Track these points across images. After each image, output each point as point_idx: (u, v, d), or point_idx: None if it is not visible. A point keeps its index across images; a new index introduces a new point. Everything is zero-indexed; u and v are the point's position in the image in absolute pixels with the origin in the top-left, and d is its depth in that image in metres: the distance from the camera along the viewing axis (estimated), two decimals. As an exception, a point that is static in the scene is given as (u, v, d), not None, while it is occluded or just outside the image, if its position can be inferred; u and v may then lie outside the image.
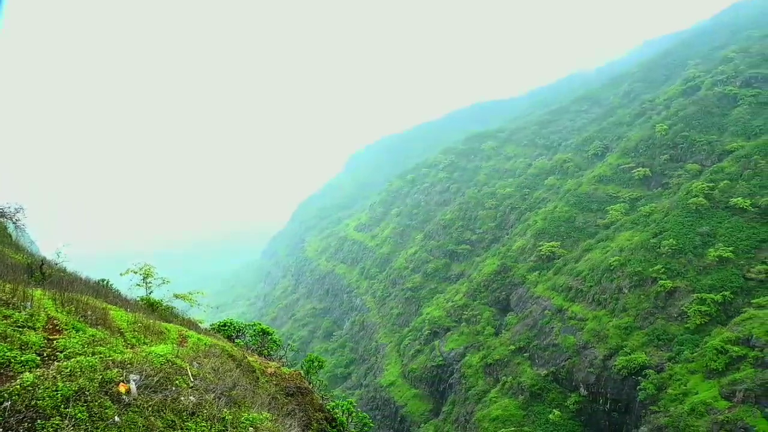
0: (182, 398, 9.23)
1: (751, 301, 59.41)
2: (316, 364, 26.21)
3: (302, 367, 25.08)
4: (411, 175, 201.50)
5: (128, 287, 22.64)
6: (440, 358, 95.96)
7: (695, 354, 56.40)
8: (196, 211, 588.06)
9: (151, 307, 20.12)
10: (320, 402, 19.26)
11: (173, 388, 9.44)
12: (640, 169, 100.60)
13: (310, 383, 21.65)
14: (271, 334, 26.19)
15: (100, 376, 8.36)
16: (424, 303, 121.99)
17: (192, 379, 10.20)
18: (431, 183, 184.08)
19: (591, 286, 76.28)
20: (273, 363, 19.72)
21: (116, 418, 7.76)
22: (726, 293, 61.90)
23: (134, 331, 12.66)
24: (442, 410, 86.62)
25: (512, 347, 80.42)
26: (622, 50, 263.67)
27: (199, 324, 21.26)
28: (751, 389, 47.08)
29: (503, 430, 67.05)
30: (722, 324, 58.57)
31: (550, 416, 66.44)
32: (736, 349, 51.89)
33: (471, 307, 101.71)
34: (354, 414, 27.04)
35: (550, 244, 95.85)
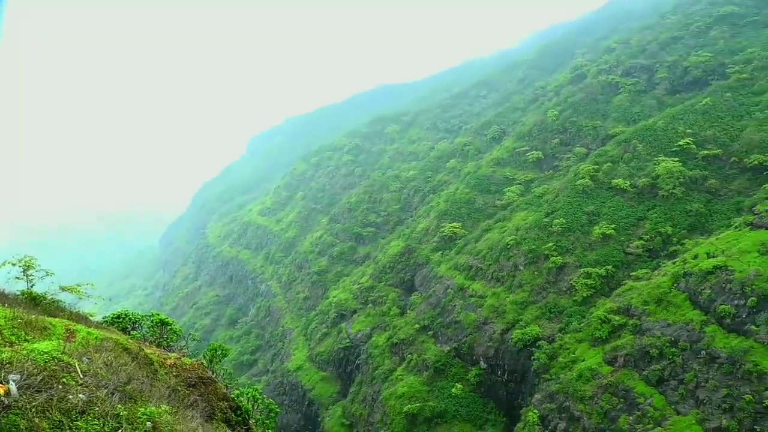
0: (70, 396, 8.64)
1: (630, 273, 65.07)
2: (219, 352, 25.50)
3: (205, 357, 24.30)
4: (315, 158, 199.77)
5: (6, 281, 20.74)
6: (347, 340, 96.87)
7: (582, 324, 60.99)
8: (82, 197, 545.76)
9: (33, 301, 18.56)
10: (224, 391, 18.77)
11: (60, 387, 8.83)
12: (533, 152, 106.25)
13: (213, 372, 21.05)
14: (171, 324, 25.11)
15: (-28, 379, 7.60)
16: (331, 286, 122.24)
17: (81, 376, 9.58)
18: (336, 166, 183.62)
19: (490, 265, 79.95)
20: (173, 354, 18.95)
21: (-8, 423, 7.10)
22: (609, 267, 67.38)
23: (13, 327, 11.70)
24: (349, 391, 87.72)
25: (417, 326, 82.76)
26: (515, 39, 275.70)
27: (90, 317, 19.90)
28: (630, 354, 51.72)
29: (409, 406, 69.10)
30: (606, 296, 63.74)
31: (453, 390, 69.34)
32: (617, 318, 56.67)
33: (377, 288, 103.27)
34: (260, 401, 26.67)
35: (452, 225, 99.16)
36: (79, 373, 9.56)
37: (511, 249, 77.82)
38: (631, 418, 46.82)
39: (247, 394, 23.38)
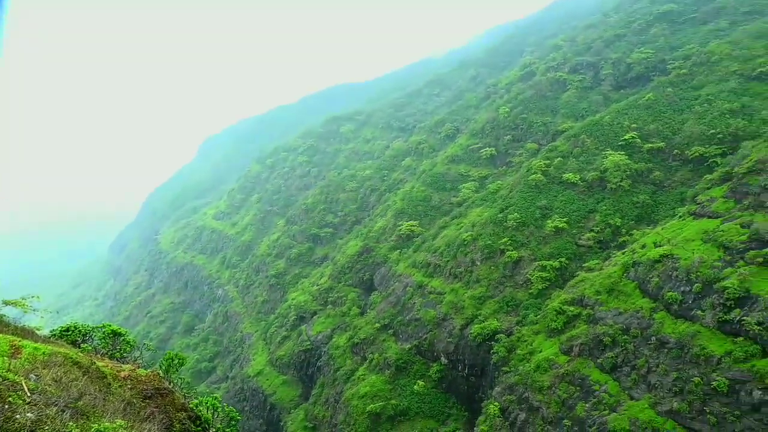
0: (18, 416, 8.24)
1: (583, 265, 66.92)
2: (176, 361, 24.82)
3: (161, 367, 23.61)
4: (270, 160, 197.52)
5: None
6: (308, 343, 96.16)
7: (538, 316, 62.37)
8: (29, 198, 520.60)
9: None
10: (182, 401, 18.30)
11: (6, 406, 8.40)
12: (487, 149, 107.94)
13: (170, 383, 20.50)
14: (124, 335, 24.30)
15: None
16: (290, 288, 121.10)
17: (29, 394, 9.14)
18: (291, 167, 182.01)
19: (447, 261, 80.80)
20: (127, 366, 18.36)
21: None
22: (562, 259, 69.13)
23: (-49, 346, 11.05)
24: (311, 393, 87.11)
25: (377, 325, 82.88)
26: (466, 38, 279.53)
27: (37, 331, 19.06)
28: (585, 343, 53.20)
29: (372, 405, 69.15)
30: (560, 287, 65.35)
31: (415, 387, 69.78)
32: (571, 309, 58.21)
33: (336, 289, 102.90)
34: (220, 409, 26.12)
35: (409, 223, 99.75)
36: (27, 390, 9.12)
37: (467, 245, 78.85)
38: (587, 405, 48.17)
39: (206, 403, 22.84)
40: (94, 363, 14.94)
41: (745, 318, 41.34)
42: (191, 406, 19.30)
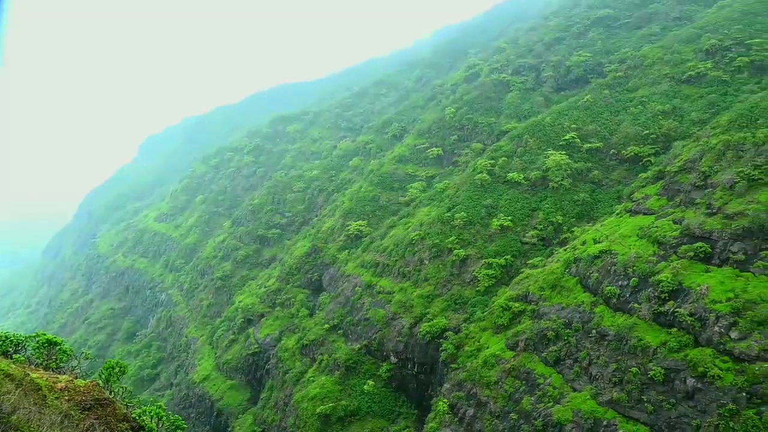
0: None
1: (527, 262, 68.74)
2: (117, 370, 23.85)
3: (101, 376, 22.65)
4: (215, 160, 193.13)
5: None
6: (256, 346, 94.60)
7: (485, 313, 63.59)
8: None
9: None
10: (124, 411, 17.62)
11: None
12: (433, 149, 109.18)
13: (111, 392, 19.75)
14: (60, 344, 23.14)
15: None
16: (236, 291, 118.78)
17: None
18: (237, 167, 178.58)
19: (396, 261, 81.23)
20: (64, 376, 17.53)
21: None
22: (508, 257, 70.76)
23: None
24: (260, 397, 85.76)
25: (327, 326, 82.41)
26: (413, 39, 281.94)
27: (-38, 343, 17.90)
28: (530, 338, 54.64)
29: (322, 407, 68.70)
30: (506, 284, 66.86)
31: (365, 387, 69.78)
32: (517, 305, 59.66)
33: (284, 290, 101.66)
34: (165, 418, 25.31)
35: (358, 223, 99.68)
36: (-49, 408, 8.53)
37: (415, 244, 79.52)
38: (533, 398, 49.50)
39: (150, 412, 22.05)
40: (28, 374, 14.18)
41: (678, 310, 43.51)
42: (134, 416, 18.63)
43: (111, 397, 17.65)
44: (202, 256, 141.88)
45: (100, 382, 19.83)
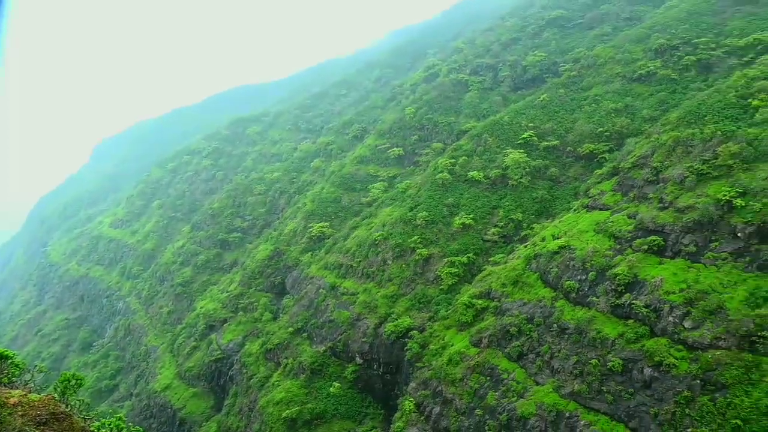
0: None
1: (489, 259, 69.64)
2: (73, 382, 23.02)
3: (56, 389, 21.83)
4: (172, 164, 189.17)
5: None
6: (219, 352, 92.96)
7: (449, 311, 64.10)
8: None
9: None
10: (82, 425, 17.02)
11: None
12: (394, 149, 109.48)
13: (67, 406, 19.07)
14: (11, 357, 22.16)
15: None
16: (197, 297, 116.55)
17: None
18: (195, 171, 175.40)
19: (360, 261, 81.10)
20: (17, 391, 16.83)
21: None
22: (470, 255, 71.52)
23: None
24: (224, 404, 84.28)
25: (291, 329, 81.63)
26: (371, 39, 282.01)
27: None
28: (493, 334, 55.32)
29: (287, 411, 67.94)
30: (468, 282, 67.55)
31: (331, 389, 69.39)
32: (480, 302, 60.33)
33: (247, 295, 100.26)
34: (125, 429, 24.59)
35: (320, 225, 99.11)
36: None
37: (379, 245, 79.56)
38: (497, 393, 50.13)
39: (109, 424, 21.36)
40: (-28, 392, 13.50)
41: (634, 302, 44.77)
42: (92, 429, 18.07)
43: (68, 410, 17.12)
44: (161, 262, 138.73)
45: (55, 395, 19.15)
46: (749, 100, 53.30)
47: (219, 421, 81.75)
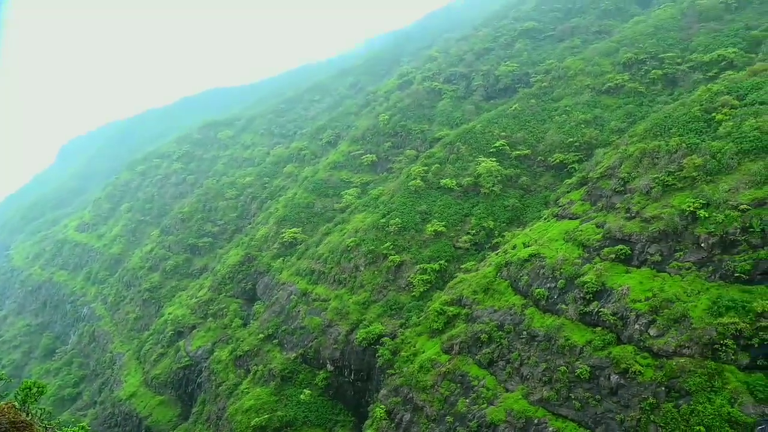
0: None
1: (461, 266, 70.08)
2: (34, 390, 22.50)
3: (17, 397, 21.31)
4: (141, 167, 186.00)
5: None
6: (187, 359, 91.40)
7: (421, 318, 64.27)
8: None
9: None
10: (42, 435, 16.59)
11: None
12: (368, 155, 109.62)
13: (28, 414, 18.62)
14: (-32, 366, 21.55)
15: None
16: (166, 303, 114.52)
17: None
18: (165, 174, 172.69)
19: (332, 268, 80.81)
20: (-27, 401, 16.31)
21: None
22: (442, 262, 71.90)
23: None
24: (192, 412, 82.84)
25: (261, 336, 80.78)
26: (347, 45, 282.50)
27: None
28: (464, 341, 55.65)
29: (257, 419, 67.11)
30: (440, 289, 67.86)
31: (302, 396, 68.78)
32: (451, 309, 60.65)
33: (217, 300, 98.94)
34: (87, 439, 24.04)
35: (292, 230, 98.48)
36: None
37: (351, 251, 79.41)
38: (467, 400, 50.40)
39: (70, 434, 20.87)
40: (-74, 403, 13.01)
41: (601, 309, 45.60)
42: (52, 439, 17.61)
43: (28, 419, 16.76)
44: (128, 266, 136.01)
45: (16, 403, 18.72)
46: (713, 114, 54.92)
47: (186, 429, 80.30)
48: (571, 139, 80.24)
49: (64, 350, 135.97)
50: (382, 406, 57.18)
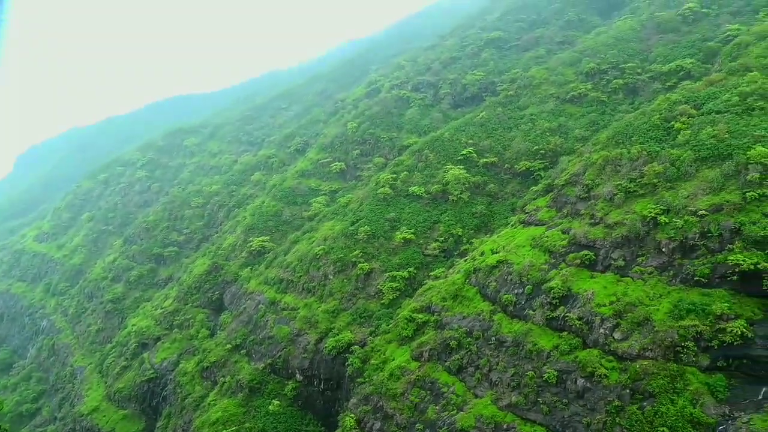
0: None
1: (430, 273, 70.27)
2: (-12, 408, 21.48)
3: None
4: (104, 175, 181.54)
5: None
6: (151, 371, 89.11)
7: (390, 325, 64.10)
8: None
9: None
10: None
11: None
12: (336, 163, 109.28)
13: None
14: None
15: None
16: (129, 314, 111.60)
17: None
18: (129, 182, 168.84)
19: (301, 276, 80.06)
20: None
21: None
22: (411, 269, 71.98)
23: None
24: (156, 426, 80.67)
25: (229, 346, 79.37)
26: (315, 53, 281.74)
27: None
28: (434, 348, 55.69)
29: (224, 431, 65.79)
30: (409, 296, 67.87)
31: (270, 407, 67.72)
32: (421, 316, 60.68)
33: (183, 311, 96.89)
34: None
35: (260, 239, 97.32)
36: None
37: (320, 259, 78.87)
38: (437, 407, 50.39)
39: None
40: None
41: (568, 314, 46.25)
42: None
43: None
44: (90, 277, 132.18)
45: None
46: (672, 123, 56.50)
47: (151, 444, 78.18)
48: (537, 147, 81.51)
49: (22, 365, 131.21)
50: (352, 415, 56.68)
